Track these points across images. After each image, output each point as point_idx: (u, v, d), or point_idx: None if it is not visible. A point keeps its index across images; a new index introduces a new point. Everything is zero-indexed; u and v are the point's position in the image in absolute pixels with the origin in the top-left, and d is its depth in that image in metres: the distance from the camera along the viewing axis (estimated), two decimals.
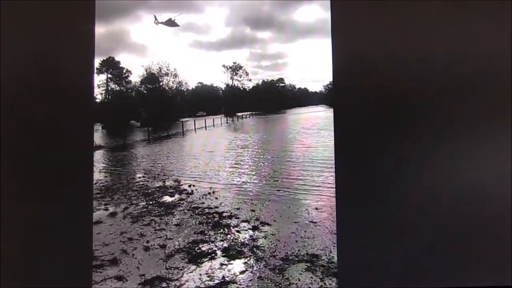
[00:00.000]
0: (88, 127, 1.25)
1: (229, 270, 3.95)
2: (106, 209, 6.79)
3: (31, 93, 1.17)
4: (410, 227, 1.16)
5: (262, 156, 12.68)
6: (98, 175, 10.90)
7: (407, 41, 1.16)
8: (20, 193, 1.16)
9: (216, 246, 4.68)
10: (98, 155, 15.91)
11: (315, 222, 5.32)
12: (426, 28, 1.15)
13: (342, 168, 1.19)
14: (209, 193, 7.65)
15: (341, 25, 1.18)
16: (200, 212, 6.29)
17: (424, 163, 1.16)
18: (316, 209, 5.96)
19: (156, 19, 28.71)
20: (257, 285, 3.55)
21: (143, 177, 10.13)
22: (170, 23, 28.85)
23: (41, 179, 1.17)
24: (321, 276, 3.63)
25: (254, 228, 5.27)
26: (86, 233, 1.23)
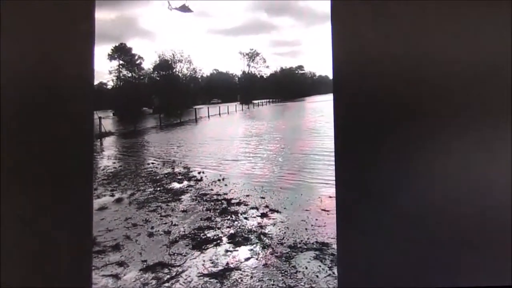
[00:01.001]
0: (89, 128, 1.27)
1: (234, 257, 3.96)
2: (112, 195, 6.93)
3: (30, 93, 1.20)
4: (410, 226, 1.18)
5: (276, 145, 12.62)
6: (106, 161, 11.16)
7: (409, 36, 1.17)
8: (20, 191, 1.19)
9: (222, 232, 4.69)
10: (108, 142, 16.27)
11: (327, 210, 5.25)
12: (428, 21, 1.16)
13: (342, 165, 1.21)
14: (219, 180, 7.68)
15: (341, 16, 1.18)
16: (208, 199, 6.33)
17: (426, 162, 1.17)
18: (330, 197, 5.87)
19: (169, 4, 28.83)
20: (262, 273, 3.54)
21: (152, 163, 10.28)
22: (184, 8, 28.94)
23: (41, 179, 1.20)
24: (329, 265, 3.58)
25: (263, 215, 5.25)
26: (87, 231, 1.26)
